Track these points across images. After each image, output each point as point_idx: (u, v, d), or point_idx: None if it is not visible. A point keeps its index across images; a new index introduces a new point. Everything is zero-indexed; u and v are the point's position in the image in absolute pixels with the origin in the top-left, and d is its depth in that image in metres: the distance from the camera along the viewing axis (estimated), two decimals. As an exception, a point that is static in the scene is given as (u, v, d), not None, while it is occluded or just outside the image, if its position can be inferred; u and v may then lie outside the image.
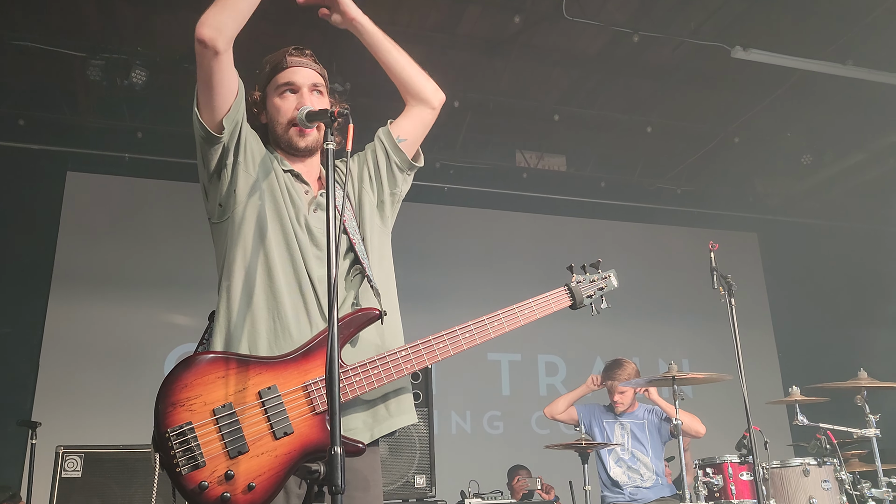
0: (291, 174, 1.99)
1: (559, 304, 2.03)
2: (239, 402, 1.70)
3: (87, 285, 6.72)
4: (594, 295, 2.10)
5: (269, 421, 1.70)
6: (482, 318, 1.91)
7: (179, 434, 1.65)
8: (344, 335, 1.82)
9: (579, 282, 2.10)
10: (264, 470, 1.67)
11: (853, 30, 5.93)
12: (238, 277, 1.86)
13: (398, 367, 1.83)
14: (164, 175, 7.00)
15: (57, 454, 3.92)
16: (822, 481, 3.72)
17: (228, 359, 1.74)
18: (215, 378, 1.71)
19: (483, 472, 5.84)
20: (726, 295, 3.49)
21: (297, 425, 1.72)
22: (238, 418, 1.69)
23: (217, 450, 1.66)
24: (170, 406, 1.67)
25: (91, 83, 5.87)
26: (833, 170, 7.92)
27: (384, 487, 4.22)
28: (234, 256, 1.87)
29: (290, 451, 1.70)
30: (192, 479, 1.63)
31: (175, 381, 1.69)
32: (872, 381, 3.91)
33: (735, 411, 3.52)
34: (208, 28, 1.77)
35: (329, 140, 1.71)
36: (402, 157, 2.11)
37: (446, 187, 7.60)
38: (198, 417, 1.67)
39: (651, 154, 7.83)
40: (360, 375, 1.80)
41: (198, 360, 1.73)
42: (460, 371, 7.28)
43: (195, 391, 1.69)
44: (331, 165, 1.68)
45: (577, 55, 6.41)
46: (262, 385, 1.73)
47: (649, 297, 8.24)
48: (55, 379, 6.32)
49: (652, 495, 4.66)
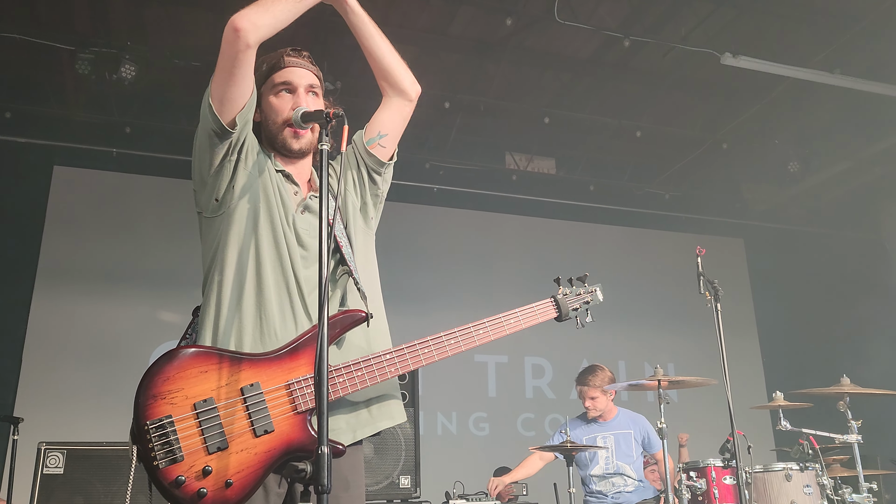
0: (283, 175, 1.99)
1: (545, 316, 2.06)
2: (220, 398, 1.69)
3: (72, 281, 6.66)
4: (579, 308, 2.14)
5: (249, 418, 1.69)
6: (468, 326, 1.92)
7: (159, 427, 1.64)
8: (330, 336, 1.80)
9: (566, 294, 2.14)
10: (243, 467, 1.66)
11: (841, 39, 5.99)
12: (229, 273, 1.85)
13: (382, 370, 1.83)
14: (152, 171, 6.95)
15: (39, 450, 3.89)
16: (804, 486, 3.75)
17: (211, 354, 1.73)
18: (198, 372, 1.69)
19: (468, 474, 5.84)
20: (712, 300, 3.51)
21: (278, 423, 1.71)
22: (219, 414, 1.67)
23: (196, 445, 1.65)
24: (150, 398, 1.65)
25: (79, 77, 5.82)
26: (820, 177, 7.98)
27: (369, 488, 4.24)
28: (226, 252, 1.87)
29: (270, 449, 1.69)
30: (170, 474, 1.62)
31: (157, 374, 1.68)
32: (855, 387, 3.95)
33: (719, 416, 3.54)
34: (246, 20, 1.80)
35: (324, 141, 1.71)
36: (374, 160, 2.11)
37: (436, 188, 7.60)
38: (178, 411, 1.66)
39: (640, 158, 7.87)
40: (344, 377, 1.79)
41: (181, 354, 1.72)
42: (447, 372, 7.27)
43: (177, 384, 1.67)
44: (325, 167, 1.68)
45: (567, 59, 6.44)
46: (245, 381, 1.72)
47: (636, 301, 8.28)
48: (38, 375, 6.26)
49: (635, 498, 4.67)
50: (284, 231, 1.91)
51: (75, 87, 6.28)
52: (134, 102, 6.44)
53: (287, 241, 1.90)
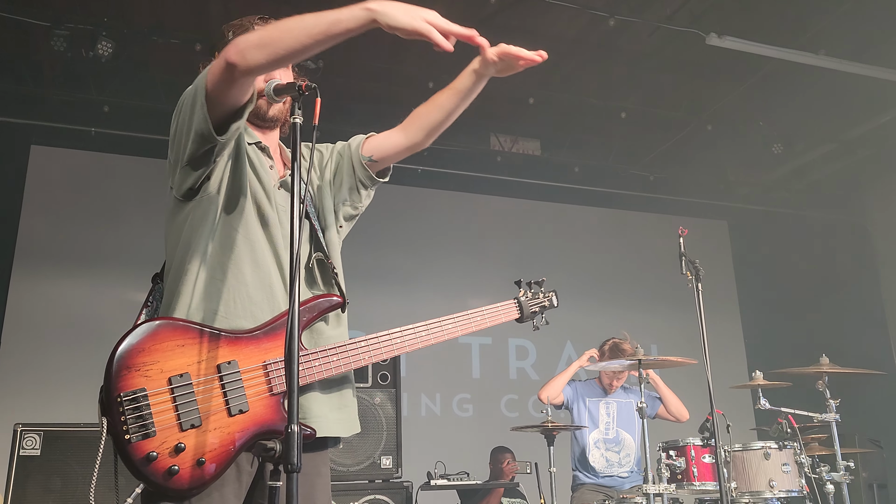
0: (258, 147, 1.93)
1: (508, 317, 2.16)
2: (196, 374, 1.64)
3: (50, 261, 6.59)
4: (538, 312, 2.23)
5: (225, 396, 1.65)
6: (441, 319, 1.97)
7: (132, 399, 1.58)
8: (307, 318, 1.79)
9: (527, 297, 2.20)
10: (215, 446, 1.62)
11: (826, 20, 5.97)
12: (207, 246, 1.78)
13: (357, 357, 1.82)
14: (131, 150, 6.86)
15: (15, 432, 3.84)
16: (783, 464, 3.79)
17: (190, 327, 1.68)
18: (175, 346, 1.64)
19: (452, 455, 5.87)
20: (694, 280, 3.52)
21: (253, 404, 1.68)
22: (194, 390, 1.63)
23: (169, 421, 1.60)
24: (124, 369, 1.59)
25: (55, 54, 5.70)
26: (803, 159, 8.01)
27: (350, 468, 4.24)
28: (204, 227, 1.79)
29: (243, 429, 1.66)
30: (141, 449, 1.56)
31: (133, 345, 1.62)
32: (833, 366, 3.98)
33: (700, 395, 3.55)
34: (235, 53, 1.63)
35: (296, 114, 1.66)
36: (367, 175, 2.06)
37: (420, 169, 7.55)
38: (153, 384, 1.60)
39: (625, 140, 7.85)
40: (319, 360, 1.77)
41: (158, 325, 1.66)
42: (431, 354, 7.28)
43: (152, 356, 1.62)
44: (298, 140, 1.64)
45: (553, 38, 6.38)
46: (222, 359, 1.67)
47: (619, 283, 8.31)
48: (16, 356, 6.20)
49: (626, 484, 4.70)
50: (265, 208, 1.85)
51: (51, 64, 6.16)
52: (112, 80, 6.32)
53: (269, 218, 1.85)
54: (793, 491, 3.79)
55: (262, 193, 1.86)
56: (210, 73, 1.67)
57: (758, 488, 3.76)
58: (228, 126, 1.72)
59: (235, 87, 1.67)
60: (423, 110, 2.08)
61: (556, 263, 8.07)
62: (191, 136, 1.72)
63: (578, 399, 4.90)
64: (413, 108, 2.10)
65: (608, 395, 4.89)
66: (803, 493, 3.84)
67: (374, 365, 4.42)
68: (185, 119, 1.74)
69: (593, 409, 4.84)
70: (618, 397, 4.89)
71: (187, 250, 1.79)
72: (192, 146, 1.73)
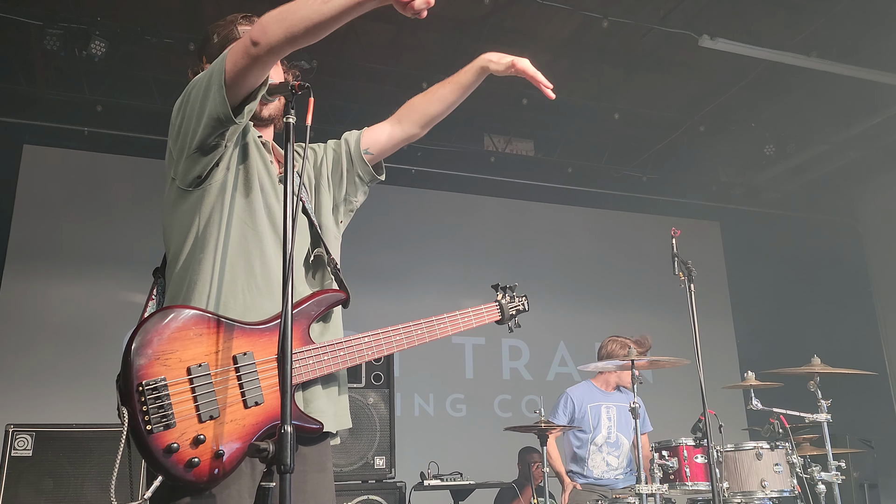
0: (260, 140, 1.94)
1: (490, 318, 2.24)
2: (214, 364, 1.61)
3: (43, 262, 6.56)
4: (514, 315, 2.31)
5: (241, 388, 1.63)
6: (431, 319, 2.01)
7: (154, 389, 1.54)
8: (315, 312, 1.80)
9: (506, 300, 2.28)
10: (232, 438, 1.60)
11: (818, 22, 6.00)
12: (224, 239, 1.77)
13: (361, 352, 1.84)
14: (124, 150, 6.84)
15: (6, 432, 3.83)
16: (774, 464, 3.80)
17: (206, 317, 1.65)
18: (194, 335, 1.61)
19: (445, 455, 5.86)
20: (686, 280, 3.53)
21: (267, 396, 1.67)
22: (212, 381, 1.60)
23: (189, 412, 1.57)
24: (145, 357, 1.54)
25: (48, 53, 5.67)
26: (795, 161, 8.04)
27: (343, 468, 4.23)
28: (213, 217, 1.77)
29: (258, 422, 1.65)
30: (162, 440, 1.53)
31: (152, 332, 1.58)
32: (825, 367, 4.00)
33: (692, 396, 3.57)
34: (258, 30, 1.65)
35: (290, 114, 1.67)
36: (366, 170, 2.08)
37: (413, 169, 7.55)
38: (172, 374, 1.56)
39: (618, 141, 7.86)
40: (328, 355, 1.78)
41: (176, 313, 1.62)
42: (424, 354, 7.28)
43: (171, 345, 1.58)
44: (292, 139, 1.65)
45: (546, 39, 6.39)
46: (238, 350, 1.65)
47: (613, 283, 8.33)
48: (7, 356, 6.17)
49: (619, 484, 4.70)
50: (271, 202, 1.85)
51: (44, 63, 6.13)
52: (105, 80, 6.30)
53: (275, 213, 1.84)
54: (784, 491, 3.81)
55: (269, 186, 1.87)
56: (231, 54, 1.68)
57: (750, 488, 3.77)
58: (242, 108, 1.72)
59: (257, 66, 1.67)
60: (421, 103, 2.10)
61: (549, 264, 8.08)
62: (202, 122, 1.72)
63: (583, 405, 4.85)
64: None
65: (607, 398, 4.87)
66: (795, 494, 3.85)
67: (367, 365, 4.42)
68: (196, 105, 1.74)
69: (595, 413, 4.82)
70: (616, 401, 4.87)
71: (197, 240, 1.77)
72: (204, 131, 1.72)
